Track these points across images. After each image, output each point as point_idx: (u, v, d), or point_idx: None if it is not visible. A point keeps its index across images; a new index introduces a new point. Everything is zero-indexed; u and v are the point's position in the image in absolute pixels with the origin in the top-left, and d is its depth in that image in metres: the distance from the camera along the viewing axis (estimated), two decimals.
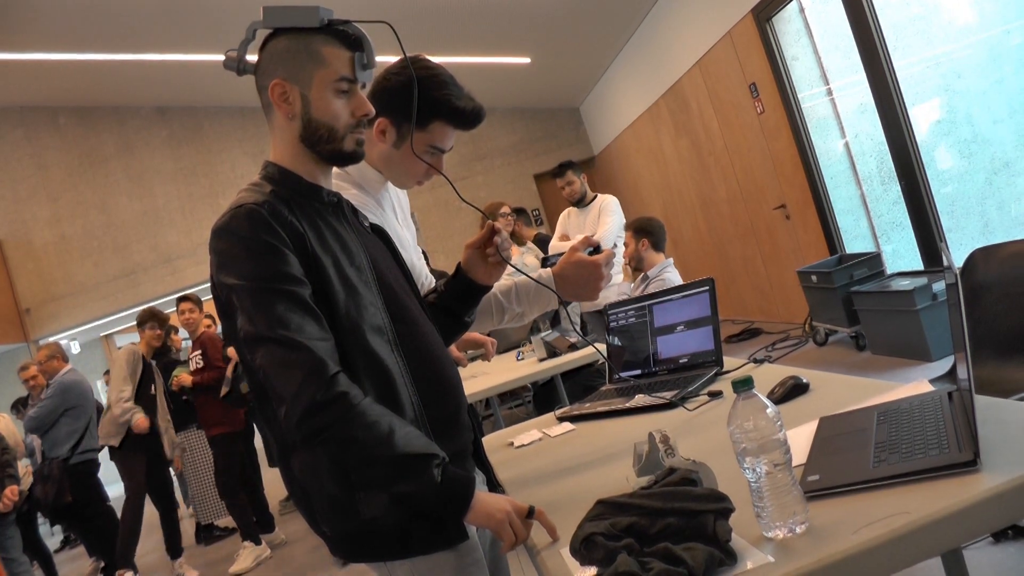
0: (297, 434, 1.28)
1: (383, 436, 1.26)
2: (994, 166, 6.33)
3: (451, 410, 1.46)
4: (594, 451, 1.85)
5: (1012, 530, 2.42)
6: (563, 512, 1.36)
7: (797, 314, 6.72)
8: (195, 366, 5.20)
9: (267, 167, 1.48)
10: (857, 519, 1.02)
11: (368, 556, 1.38)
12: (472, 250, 1.70)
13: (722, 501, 1.05)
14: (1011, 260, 2.49)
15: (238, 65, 1.53)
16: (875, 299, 4.72)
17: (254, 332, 1.29)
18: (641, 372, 2.40)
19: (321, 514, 1.37)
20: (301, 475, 1.37)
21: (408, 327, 1.45)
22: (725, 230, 8.00)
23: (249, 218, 1.33)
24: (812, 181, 6.07)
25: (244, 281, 1.31)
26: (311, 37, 1.43)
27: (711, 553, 0.99)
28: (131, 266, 10.79)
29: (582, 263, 1.82)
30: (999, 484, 1.00)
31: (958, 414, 1.24)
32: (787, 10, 5.94)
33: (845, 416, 1.42)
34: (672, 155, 8.79)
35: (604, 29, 8.58)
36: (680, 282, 4.31)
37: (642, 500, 1.08)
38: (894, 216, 5.91)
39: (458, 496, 1.29)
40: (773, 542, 1.03)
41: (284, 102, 1.43)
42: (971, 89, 6.30)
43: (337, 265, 1.38)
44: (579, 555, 1.08)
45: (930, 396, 1.38)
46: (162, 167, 10.91)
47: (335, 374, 1.28)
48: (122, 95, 10.47)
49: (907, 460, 1.13)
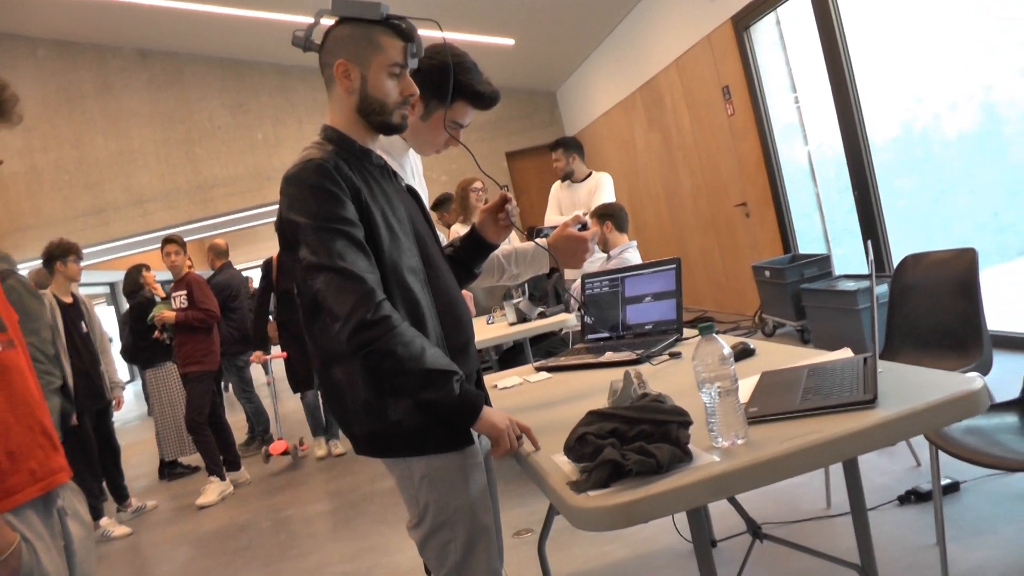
0: (347, 346, 1.58)
1: (416, 353, 1.57)
2: (942, 186, 6.80)
3: (464, 340, 1.78)
4: (570, 393, 2.19)
5: (914, 495, 2.81)
6: (546, 434, 1.68)
7: (748, 306, 7.14)
8: (179, 305, 5.41)
9: (326, 130, 1.77)
10: (784, 436, 1.36)
11: (391, 452, 1.69)
12: (486, 214, 2.03)
13: (683, 415, 1.38)
14: (934, 267, 2.87)
15: (304, 43, 1.81)
16: (822, 297, 5.12)
17: (316, 262, 1.59)
18: (610, 335, 2.74)
19: (354, 415, 1.68)
20: (340, 382, 1.68)
21: (435, 270, 1.77)
22: (687, 221, 8.38)
23: (318, 170, 1.63)
24: (773, 183, 6.45)
25: (310, 220, 1.60)
26: (372, 27, 1.72)
27: (674, 451, 1.32)
28: (101, 204, 10.84)
29: (571, 237, 2.15)
30: (887, 416, 1.35)
31: (869, 372, 1.59)
32: (765, 20, 6.29)
33: (782, 371, 1.77)
34: (643, 146, 9.14)
35: (588, 19, 8.86)
36: (639, 262, 4.68)
37: (623, 411, 1.41)
38: (846, 223, 6.33)
39: (470, 406, 1.61)
40: (720, 449, 1.37)
41: (346, 78, 1.72)
42: (927, 113, 6.75)
43: (384, 215, 1.69)
44: (572, 451, 1.40)
45: (850, 359, 1.74)
46: (140, 109, 10.95)
47: (381, 300, 1.59)
48: (104, 34, 10.49)
49: (825, 399, 1.48)
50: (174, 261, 5.44)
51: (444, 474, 1.66)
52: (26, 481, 1.70)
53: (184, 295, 5.41)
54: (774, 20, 6.30)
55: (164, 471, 6.59)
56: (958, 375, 1.47)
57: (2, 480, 1.63)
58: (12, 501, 1.65)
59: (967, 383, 1.39)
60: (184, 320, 5.36)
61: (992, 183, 6.88)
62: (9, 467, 1.67)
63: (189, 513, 5.30)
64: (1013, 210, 6.89)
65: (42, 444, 1.78)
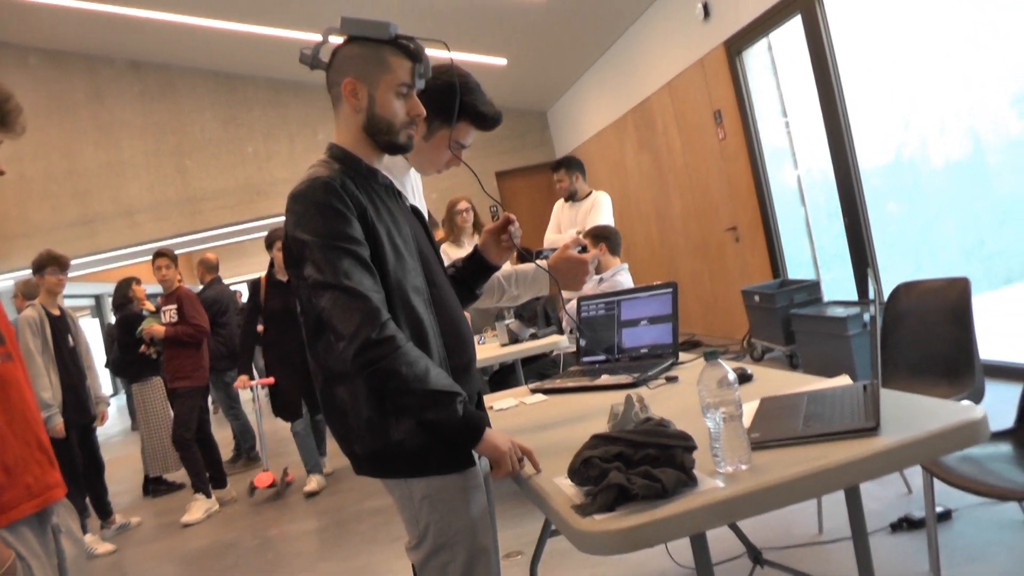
0: (351, 365, 1.58)
1: (421, 373, 1.57)
2: (929, 214, 6.87)
3: (466, 360, 1.78)
4: (567, 415, 2.18)
5: (907, 522, 2.83)
6: (545, 456, 1.67)
7: (736, 331, 7.17)
8: (169, 319, 5.39)
9: (332, 149, 1.77)
10: (787, 462, 1.37)
11: (392, 473, 1.69)
12: (489, 234, 2.03)
13: (688, 440, 1.39)
14: (927, 295, 2.90)
15: (311, 61, 1.81)
16: (812, 322, 5.15)
17: (322, 280, 1.59)
18: (605, 358, 2.75)
19: (356, 434, 1.67)
20: (343, 401, 1.67)
21: (438, 290, 1.77)
22: (677, 243, 8.42)
23: (325, 188, 1.63)
24: (763, 207, 6.51)
25: (316, 237, 1.61)
26: (381, 47, 1.73)
27: (679, 476, 1.33)
28: (90, 214, 10.78)
29: (571, 259, 2.16)
30: (890, 443, 1.36)
31: (869, 399, 1.60)
32: (757, 46, 6.36)
33: (781, 397, 1.78)
34: (633, 167, 9.20)
35: (581, 40, 8.93)
36: (631, 285, 4.69)
37: (628, 435, 1.41)
38: (835, 248, 6.38)
39: (473, 428, 1.61)
40: (724, 475, 1.37)
41: (353, 97, 1.73)
42: (915, 140, 6.83)
43: (389, 234, 1.69)
44: (576, 474, 1.40)
45: (850, 386, 1.75)
46: (132, 121, 10.93)
47: (386, 320, 1.59)
48: (96, 44, 10.48)
49: (827, 425, 1.49)
50: (165, 275, 5.42)
51: (445, 495, 1.66)
52: (22, 496, 1.68)
53: (174, 309, 5.38)
54: (766, 45, 6.38)
55: (148, 487, 6.52)
56: (957, 404, 1.48)
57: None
58: (7, 517, 1.63)
59: (968, 412, 1.40)
60: (174, 335, 5.34)
61: (979, 211, 6.96)
62: (6, 482, 1.65)
63: (174, 530, 5.25)
64: (999, 238, 6.96)
65: (39, 459, 1.77)
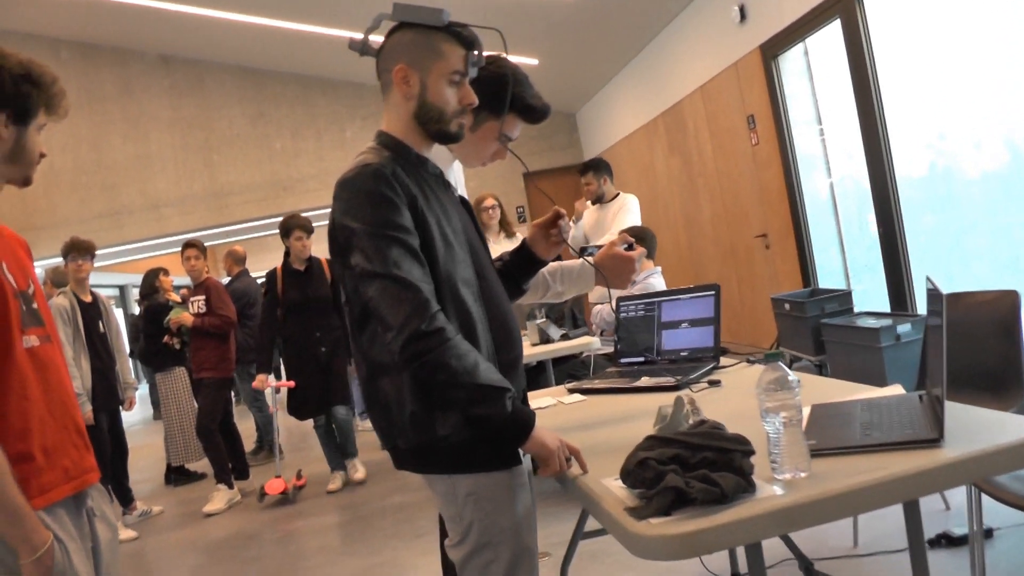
0: (399, 356, 1.55)
1: (470, 366, 1.55)
2: (963, 226, 6.77)
3: (514, 356, 1.76)
4: (609, 416, 2.15)
5: (945, 539, 2.77)
6: (590, 457, 1.63)
7: (764, 338, 7.09)
8: (197, 310, 5.40)
9: (381, 136, 1.75)
10: (848, 471, 1.33)
11: (436, 468, 1.66)
12: (538, 229, 2.00)
13: (746, 444, 1.35)
14: (975, 308, 2.84)
15: (362, 47, 1.78)
16: (843, 332, 5.08)
17: (370, 269, 1.57)
18: (644, 360, 2.71)
19: (400, 428, 1.64)
20: (387, 393, 1.65)
21: (488, 283, 1.74)
22: (705, 249, 8.36)
23: (375, 175, 1.61)
24: (795, 215, 6.44)
25: (365, 225, 1.58)
26: (434, 33, 1.70)
27: (739, 481, 1.29)
28: (117, 207, 10.86)
29: (618, 256, 2.12)
30: (955, 456, 1.32)
31: (927, 409, 1.56)
32: (793, 50, 6.30)
33: (833, 404, 1.74)
34: (663, 171, 9.14)
35: (613, 42, 8.88)
36: (663, 288, 4.65)
37: (685, 437, 1.38)
38: (867, 259, 6.30)
39: (522, 424, 1.58)
40: (782, 482, 1.34)
41: (405, 84, 1.70)
42: (951, 150, 6.73)
43: (439, 225, 1.67)
44: (631, 476, 1.37)
45: (905, 396, 1.71)
46: (160, 114, 11.00)
47: (436, 311, 1.56)
48: (126, 38, 10.56)
49: (887, 435, 1.45)
50: (194, 265, 5.44)
51: (491, 493, 1.63)
52: (60, 479, 1.68)
53: (203, 300, 5.40)
54: (802, 50, 6.31)
55: (170, 476, 6.55)
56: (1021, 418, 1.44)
57: (37, 476, 1.60)
58: (46, 499, 1.63)
59: None
60: (201, 325, 5.35)
61: (1013, 225, 6.85)
62: (44, 463, 1.65)
63: (195, 520, 5.26)
64: None
65: (76, 443, 1.76)
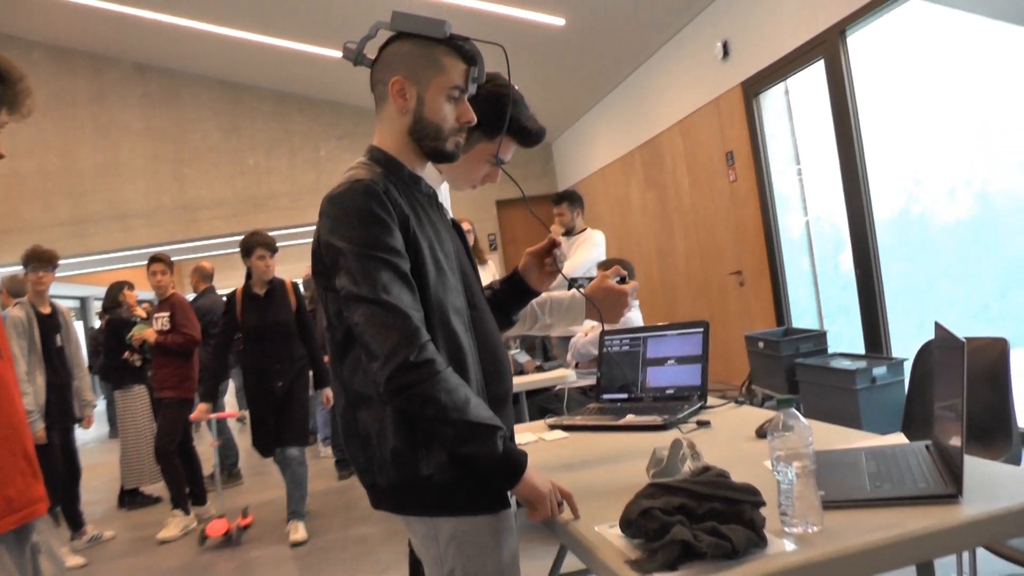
0: (384, 388, 1.44)
1: (461, 402, 1.45)
2: (934, 272, 6.82)
3: (504, 391, 1.66)
4: (595, 456, 2.06)
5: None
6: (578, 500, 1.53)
7: (735, 375, 7.05)
8: (161, 326, 5.22)
9: (373, 151, 1.65)
10: (862, 526, 1.25)
11: (417, 509, 1.54)
12: (531, 257, 1.90)
13: (756, 495, 1.27)
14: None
15: (356, 57, 1.69)
16: (818, 373, 5.05)
17: (357, 292, 1.46)
18: (628, 396, 2.62)
19: (379, 465, 1.53)
20: (367, 426, 1.54)
21: (479, 313, 1.65)
22: (678, 284, 8.34)
23: (366, 192, 1.51)
24: (771, 253, 6.43)
25: (354, 245, 1.48)
26: (435, 46, 1.61)
27: (750, 535, 1.20)
28: (83, 215, 10.60)
29: (611, 290, 2.01)
30: (976, 514, 1.25)
31: (938, 460, 1.49)
32: (774, 89, 6.33)
33: (835, 452, 1.66)
34: (638, 204, 9.14)
35: (593, 72, 8.90)
36: (641, 322, 4.58)
37: (691, 486, 1.29)
38: (841, 300, 6.30)
39: (513, 465, 1.48)
40: (792, 536, 1.25)
41: (401, 97, 1.61)
42: (925, 197, 6.79)
43: (431, 248, 1.57)
44: (633, 525, 1.27)
45: (910, 445, 1.64)
46: (132, 123, 10.80)
47: (426, 341, 1.46)
48: (102, 44, 10.39)
49: (899, 488, 1.37)
50: (160, 280, 5.25)
51: (475, 537, 1.52)
52: (2, 510, 1.54)
53: (167, 316, 5.21)
54: (783, 90, 6.34)
55: (124, 499, 6.28)
56: None
57: None
58: None
59: None
60: (164, 343, 5.16)
61: (982, 273, 6.92)
62: None
63: (149, 547, 5.04)
64: (1003, 302, 6.91)
65: (23, 470, 1.63)
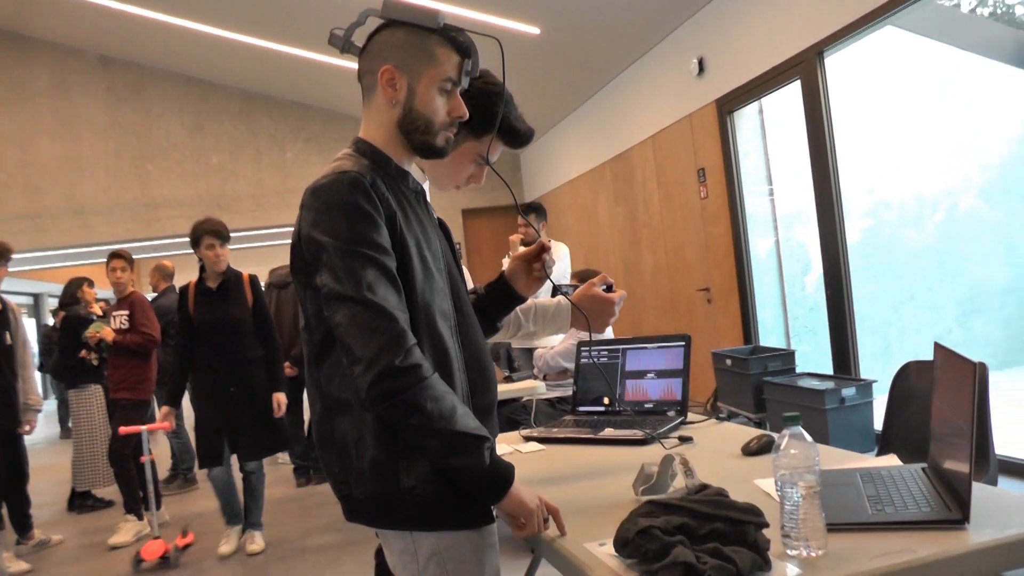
0: (366, 393, 1.35)
1: (447, 411, 1.37)
2: (901, 297, 6.89)
3: (490, 401, 1.58)
4: (576, 470, 1.99)
5: None
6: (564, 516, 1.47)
7: (699, 392, 7.03)
8: (119, 325, 5.05)
9: (359, 143, 1.56)
10: (866, 551, 1.20)
11: (395, 523, 1.46)
12: (518, 262, 1.83)
13: (759, 516, 1.21)
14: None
15: (343, 44, 1.60)
16: (786, 392, 5.03)
17: (339, 291, 1.37)
18: (605, 409, 2.56)
19: (356, 475, 1.44)
20: (344, 434, 1.45)
21: (466, 318, 1.57)
22: (644, 299, 8.32)
23: (352, 184, 1.42)
24: (740, 271, 6.43)
25: (338, 241, 1.39)
26: (428, 36, 1.53)
27: (754, 558, 1.14)
28: (39, 209, 10.31)
29: (598, 298, 1.94)
30: (985, 541, 1.20)
31: (936, 484, 1.44)
32: (748, 108, 6.35)
33: (832, 472, 1.61)
34: (606, 218, 9.12)
35: (565, 84, 8.87)
36: (612, 336, 4.53)
37: (691, 504, 1.23)
38: (808, 320, 6.33)
39: (500, 479, 1.40)
40: (796, 559, 1.20)
41: (391, 87, 1.52)
42: (894, 221, 6.87)
43: (418, 247, 1.49)
44: (630, 546, 1.21)
45: (906, 468, 1.59)
46: (95, 117, 10.54)
47: (412, 345, 1.38)
48: (64, 33, 10.14)
49: (902, 512, 1.32)
50: (119, 277, 5.08)
51: (456, 554, 1.44)
52: None
53: (126, 315, 5.04)
54: (757, 108, 6.36)
55: (74, 502, 6.07)
56: None
57: None
58: None
59: None
60: (122, 342, 4.99)
61: (948, 299, 7.01)
62: None
63: (99, 552, 4.85)
64: (965, 328, 7.01)
65: None
